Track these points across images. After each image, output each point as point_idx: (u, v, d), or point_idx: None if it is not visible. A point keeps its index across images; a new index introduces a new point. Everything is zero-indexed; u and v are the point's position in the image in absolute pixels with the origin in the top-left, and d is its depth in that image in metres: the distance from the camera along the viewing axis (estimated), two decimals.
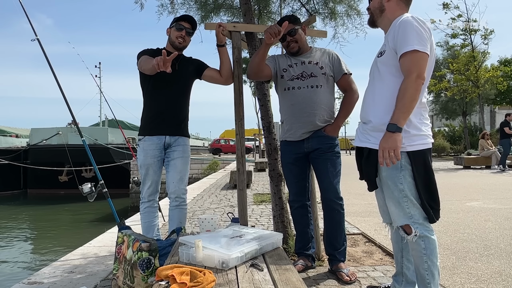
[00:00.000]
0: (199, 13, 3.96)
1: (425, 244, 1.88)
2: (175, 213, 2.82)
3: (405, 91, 1.80)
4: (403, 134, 1.82)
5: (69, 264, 3.04)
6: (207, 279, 1.43)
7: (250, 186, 8.55)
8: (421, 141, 1.88)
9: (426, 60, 1.81)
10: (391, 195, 1.91)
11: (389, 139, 1.81)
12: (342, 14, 3.87)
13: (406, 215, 1.88)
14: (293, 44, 2.62)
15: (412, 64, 1.79)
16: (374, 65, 2.02)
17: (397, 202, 1.89)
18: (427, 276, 1.89)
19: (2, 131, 28.49)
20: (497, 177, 9.57)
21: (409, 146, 1.86)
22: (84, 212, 14.02)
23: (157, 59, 2.26)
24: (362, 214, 5.08)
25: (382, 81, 1.93)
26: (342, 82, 2.67)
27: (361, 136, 2.03)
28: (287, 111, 2.66)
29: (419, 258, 1.91)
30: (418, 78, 1.78)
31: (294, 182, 2.72)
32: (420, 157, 1.87)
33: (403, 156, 1.86)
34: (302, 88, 2.59)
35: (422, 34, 1.80)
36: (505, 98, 23.49)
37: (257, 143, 24.81)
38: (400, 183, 1.87)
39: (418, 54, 1.78)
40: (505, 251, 3.24)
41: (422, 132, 1.89)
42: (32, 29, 3.24)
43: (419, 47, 1.78)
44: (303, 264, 2.71)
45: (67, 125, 20.61)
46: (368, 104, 2.00)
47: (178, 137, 2.81)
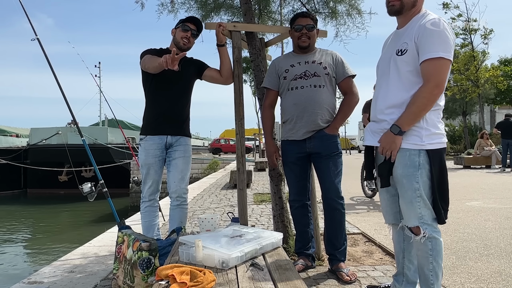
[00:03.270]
0: (200, 13, 3.96)
1: (432, 245, 1.86)
2: (176, 212, 2.82)
3: (419, 98, 1.77)
4: (423, 132, 1.81)
5: (69, 264, 3.05)
6: (207, 278, 1.43)
7: (250, 186, 8.55)
8: (439, 139, 1.85)
9: (448, 68, 1.77)
10: (404, 194, 1.87)
11: (389, 140, 1.81)
12: (342, 14, 3.87)
13: (417, 216, 1.85)
14: (305, 39, 2.62)
15: (434, 71, 1.74)
16: (392, 63, 1.91)
17: (410, 201, 1.85)
18: (431, 277, 1.88)
19: (2, 130, 28.53)
20: (497, 177, 9.57)
21: (429, 144, 1.82)
22: (84, 212, 14.01)
23: (166, 57, 2.30)
24: (362, 214, 5.08)
25: (402, 82, 1.86)
26: (343, 84, 2.67)
27: (373, 135, 1.99)
28: (290, 111, 2.65)
29: (425, 259, 1.88)
30: (436, 87, 1.75)
31: (295, 182, 2.72)
32: (437, 156, 1.84)
33: (422, 154, 1.82)
34: (305, 87, 2.58)
35: (448, 39, 1.75)
36: (505, 97, 23.45)
37: (257, 143, 24.80)
38: (416, 182, 1.83)
39: (441, 61, 1.74)
40: (505, 250, 3.24)
41: (440, 130, 1.86)
42: (32, 29, 3.24)
43: (444, 54, 1.73)
44: (303, 263, 2.71)
45: (66, 124, 20.63)
46: (383, 104, 1.94)
47: (179, 137, 2.82)
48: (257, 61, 3.06)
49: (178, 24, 2.81)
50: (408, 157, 1.83)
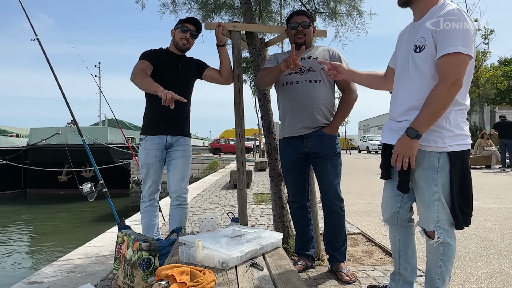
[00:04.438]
0: (200, 13, 3.98)
1: (444, 250, 1.81)
2: (176, 212, 2.83)
3: (436, 97, 1.64)
4: (446, 133, 1.71)
5: (69, 264, 3.04)
6: (207, 278, 1.43)
7: (250, 186, 8.54)
8: (463, 141, 1.75)
9: (466, 64, 1.65)
10: (422, 197, 1.80)
11: (406, 145, 1.69)
12: (343, 14, 3.87)
13: (434, 220, 1.79)
14: (301, 36, 2.60)
15: (451, 68, 1.62)
16: (411, 61, 1.79)
17: (427, 205, 1.78)
18: (438, 280, 1.85)
19: (2, 130, 28.55)
20: (497, 177, 9.57)
21: (451, 146, 1.72)
22: (84, 212, 14.01)
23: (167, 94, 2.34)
24: (362, 214, 5.08)
25: (422, 80, 1.74)
26: (341, 80, 2.60)
27: (391, 133, 1.88)
28: (285, 106, 2.63)
29: (434, 262, 1.85)
30: (454, 84, 1.62)
31: (293, 183, 2.71)
32: (459, 158, 1.74)
33: (443, 157, 1.73)
34: (300, 82, 2.56)
35: (469, 32, 1.62)
36: (505, 97, 23.47)
37: (257, 143, 24.79)
38: (435, 185, 1.75)
39: (460, 56, 1.61)
40: (505, 250, 3.24)
41: (464, 132, 1.76)
42: (32, 29, 3.24)
43: (463, 48, 1.61)
44: (303, 264, 2.71)
45: (66, 124, 20.65)
46: (404, 105, 1.82)
47: (179, 137, 2.82)
48: (257, 61, 3.06)
49: (177, 24, 2.81)
50: (427, 159, 1.75)
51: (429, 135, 1.73)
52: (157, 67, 2.73)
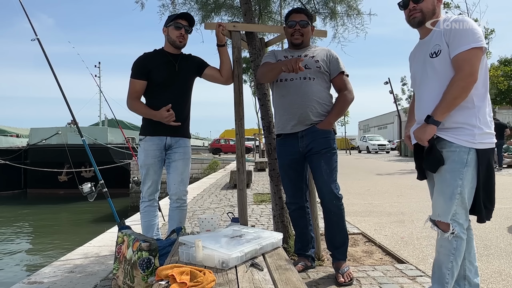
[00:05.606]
0: (200, 13, 3.98)
1: (457, 244, 1.85)
2: (175, 213, 2.83)
3: (451, 86, 1.76)
4: (476, 131, 1.80)
5: (69, 264, 3.05)
6: (207, 278, 1.43)
7: (250, 186, 8.54)
8: (490, 139, 1.85)
9: (480, 56, 1.77)
10: (445, 189, 1.85)
11: (422, 129, 1.83)
12: (342, 14, 3.87)
13: (450, 212, 1.84)
14: (298, 35, 2.58)
15: (465, 61, 1.75)
16: (428, 66, 1.91)
17: (448, 197, 1.84)
18: (448, 275, 1.87)
19: (2, 130, 28.56)
20: (497, 177, 9.56)
21: (480, 143, 1.81)
22: (84, 212, 14.01)
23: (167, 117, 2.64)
24: (362, 214, 5.08)
25: (442, 82, 1.85)
26: (337, 80, 2.59)
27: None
28: (278, 103, 2.61)
29: (446, 257, 1.88)
30: (470, 75, 1.74)
31: (289, 185, 2.69)
32: (486, 156, 1.83)
33: (471, 153, 1.81)
34: (294, 79, 2.53)
35: (477, 29, 1.77)
36: (505, 97, 23.44)
37: (257, 143, 24.81)
38: (460, 179, 1.81)
39: (473, 51, 1.75)
40: (505, 251, 3.24)
41: (491, 130, 1.86)
42: (32, 29, 3.24)
43: (475, 43, 1.75)
44: (303, 264, 2.71)
45: (66, 124, 20.65)
46: (426, 106, 1.90)
47: (179, 138, 2.81)
48: (257, 61, 3.06)
49: (168, 22, 2.76)
50: (458, 153, 1.82)
51: (461, 131, 1.82)
52: (151, 72, 2.70)
